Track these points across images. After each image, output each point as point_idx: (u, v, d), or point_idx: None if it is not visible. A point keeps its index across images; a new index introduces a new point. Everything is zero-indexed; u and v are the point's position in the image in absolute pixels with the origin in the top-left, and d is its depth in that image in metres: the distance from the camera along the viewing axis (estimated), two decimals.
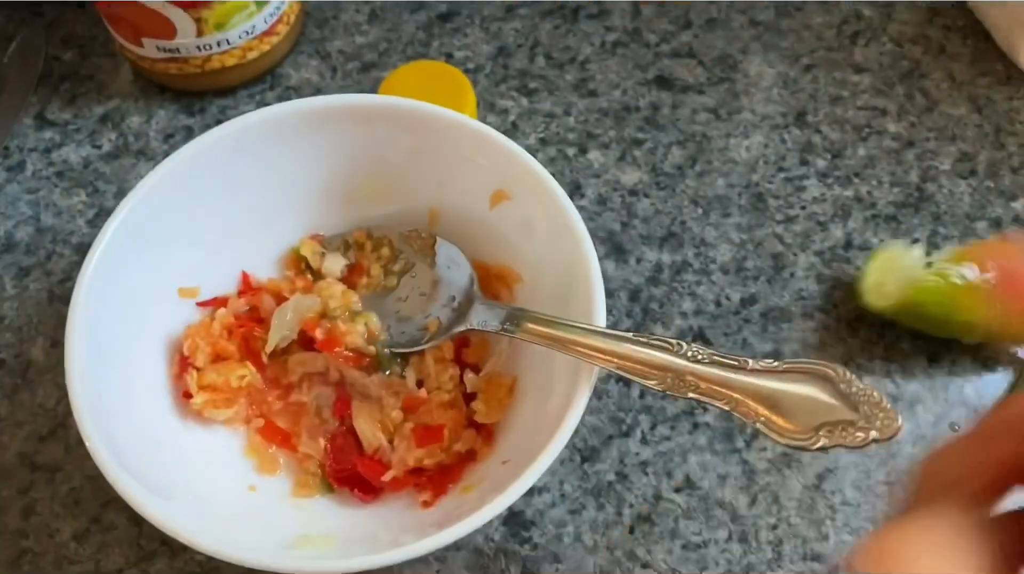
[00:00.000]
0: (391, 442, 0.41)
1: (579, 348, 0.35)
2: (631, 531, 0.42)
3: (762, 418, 0.33)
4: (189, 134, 0.53)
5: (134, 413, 0.38)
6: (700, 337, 0.47)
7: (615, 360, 0.35)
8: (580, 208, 0.42)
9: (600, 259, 0.39)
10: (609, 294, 0.46)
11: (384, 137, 0.42)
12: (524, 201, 0.41)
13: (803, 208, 0.51)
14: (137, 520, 0.41)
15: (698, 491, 0.43)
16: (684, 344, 0.35)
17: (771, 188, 0.51)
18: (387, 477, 0.40)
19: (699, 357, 0.34)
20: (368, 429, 0.41)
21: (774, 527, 0.42)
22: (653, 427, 0.44)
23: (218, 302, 0.42)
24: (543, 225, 0.41)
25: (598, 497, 0.43)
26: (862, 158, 0.52)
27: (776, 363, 0.34)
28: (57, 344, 0.46)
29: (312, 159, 0.43)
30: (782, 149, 0.52)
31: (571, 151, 0.52)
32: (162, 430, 0.39)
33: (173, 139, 0.53)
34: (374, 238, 0.44)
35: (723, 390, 0.33)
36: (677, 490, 0.43)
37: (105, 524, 0.42)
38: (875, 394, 0.32)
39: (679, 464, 0.43)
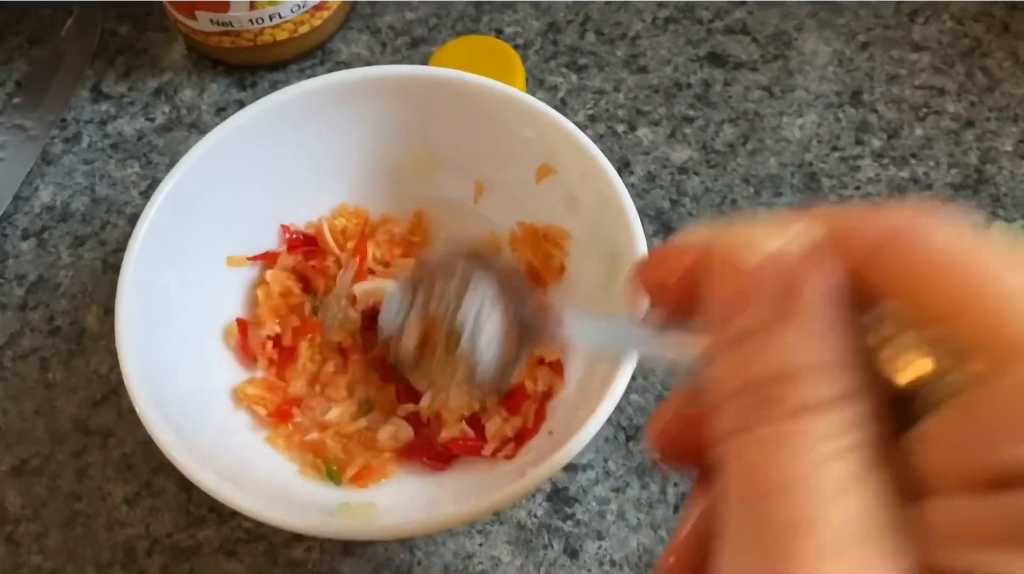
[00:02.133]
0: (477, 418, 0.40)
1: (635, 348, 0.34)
2: (676, 511, 0.42)
3: None
4: (240, 108, 0.53)
5: (183, 382, 0.39)
6: None
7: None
8: (629, 186, 0.41)
9: (648, 237, 0.39)
10: None
11: (431, 109, 0.42)
12: (570, 175, 0.41)
13: (857, 188, 0.49)
14: (186, 486, 0.42)
15: None
16: None
17: (824, 168, 0.50)
18: (487, 451, 0.39)
19: None
20: (454, 412, 0.40)
21: None
22: None
23: (269, 257, 0.43)
24: (589, 200, 0.40)
25: (642, 476, 0.42)
26: (919, 138, 0.51)
27: None
28: (111, 312, 0.46)
29: (359, 130, 0.43)
30: (836, 128, 0.51)
31: (620, 128, 0.51)
32: (211, 401, 0.40)
33: (225, 112, 0.53)
34: (427, 266, 0.38)
35: None
36: None
37: (155, 489, 0.43)
38: None
39: None
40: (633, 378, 0.37)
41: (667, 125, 0.51)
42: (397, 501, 0.38)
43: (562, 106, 0.52)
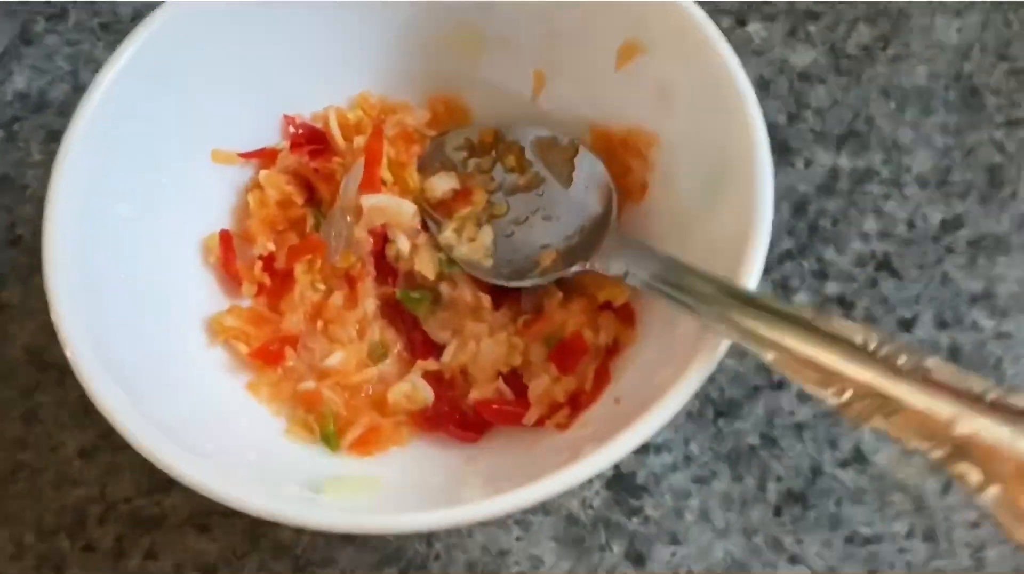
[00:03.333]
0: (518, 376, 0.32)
1: (727, 327, 0.25)
2: (777, 513, 0.33)
3: (995, 492, 0.20)
4: None
5: (142, 308, 0.30)
6: (885, 266, 0.36)
7: (775, 353, 0.24)
8: None
9: None
10: None
11: None
12: (665, 55, 0.31)
13: None
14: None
15: (871, 468, 0.33)
16: (884, 337, 0.22)
17: (989, 82, 0.40)
18: (530, 418, 0.31)
19: (905, 367, 0.22)
20: (487, 367, 0.32)
21: (974, 526, 0.32)
22: None
23: (266, 154, 0.34)
24: (690, 92, 0.31)
25: (735, 465, 0.33)
26: None
27: None
28: None
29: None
30: (1006, 33, 0.41)
31: (726, 22, 0.42)
32: (177, 334, 0.31)
33: None
34: (505, 141, 0.35)
35: (939, 431, 0.21)
36: (843, 465, 0.33)
37: (116, 442, 0.34)
38: None
39: (847, 430, 0.33)
40: None
41: (786, 20, 0.42)
42: (407, 478, 0.29)
43: None
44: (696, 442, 0.33)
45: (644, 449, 0.33)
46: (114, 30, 0.44)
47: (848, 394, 0.22)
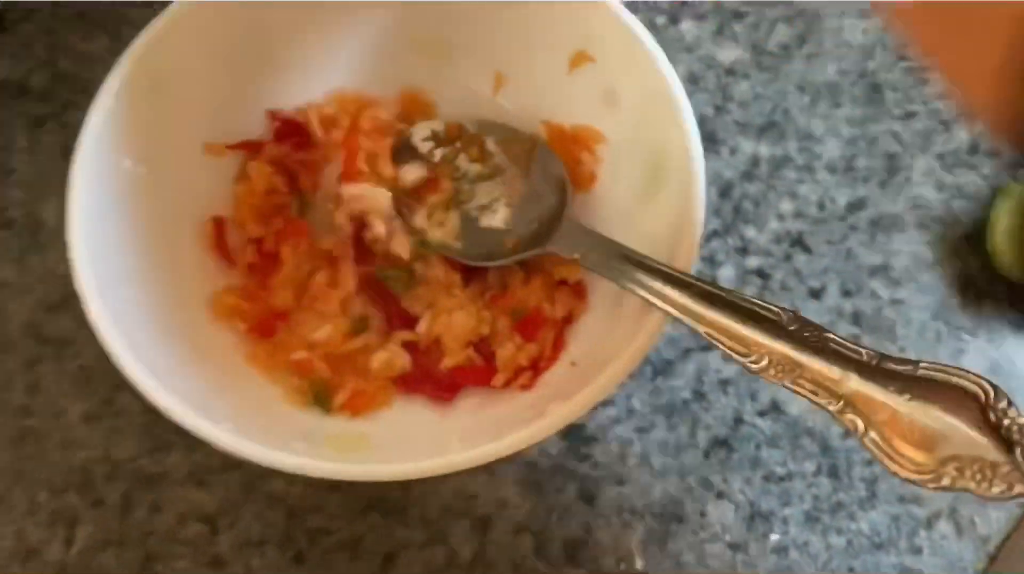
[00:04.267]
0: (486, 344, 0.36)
1: (664, 303, 0.29)
2: (706, 456, 0.37)
3: (874, 436, 0.25)
4: None
5: (148, 289, 0.33)
6: (799, 243, 0.41)
7: (704, 327, 0.28)
8: None
9: None
10: None
11: None
12: (611, 65, 0.35)
13: (924, 104, 0.44)
14: (152, 407, 0.37)
15: (784, 417, 0.38)
16: (792, 315, 0.27)
17: (889, 79, 0.44)
18: (498, 381, 0.35)
19: (809, 338, 0.27)
20: (458, 337, 0.36)
21: (869, 463, 0.37)
22: None
23: (253, 146, 0.37)
24: (632, 95, 0.35)
25: (670, 416, 0.38)
26: None
27: (909, 366, 0.26)
28: None
29: (358, 4, 0.37)
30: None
31: (660, 20, 0.45)
32: (181, 312, 0.34)
33: None
34: (468, 134, 0.38)
35: (834, 389, 0.26)
36: (761, 414, 0.38)
37: (117, 407, 0.38)
38: None
39: (765, 385, 0.38)
40: None
41: (714, 19, 0.45)
42: (393, 434, 0.33)
43: None
44: (637, 398, 0.38)
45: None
46: (88, 19, 0.45)
47: (764, 361, 0.27)
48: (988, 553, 0.36)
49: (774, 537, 0.36)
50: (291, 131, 0.38)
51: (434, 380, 0.35)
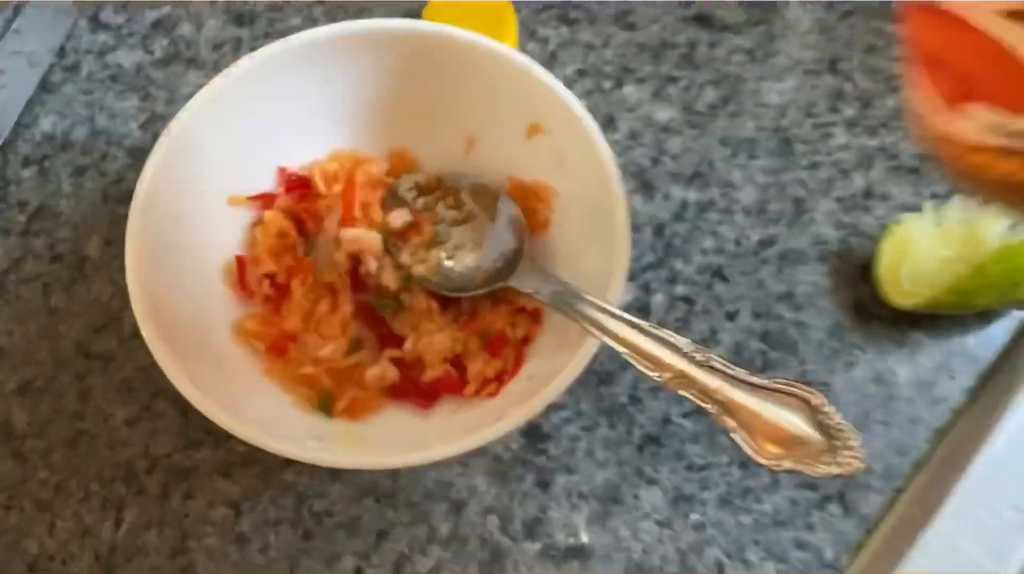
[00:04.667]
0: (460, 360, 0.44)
1: (597, 331, 0.37)
2: (640, 450, 0.45)
3: (741, 432, 0.34)
4: (238, 44, 0.54)
5: (184, 314, 0.41)
6: (718, 274, 0.49)
7: (625, 349, 0.36)
8: (612, 142, 0.44)
9: (629, 193, 0.41)
10: (636, 228, 0.48)
11: (423, 62, 0.44)
12: (559, 135, 0.43)
13: (828, 155, 0.52)
14: (184, 411, 0.45)
15: (704, 418, 0.45)
16: (691, 346, 0.36)
17: (799, 134, 0.52)
18: (469, 390, 0.42)
19: (699, 360, 0.35)
20: (437, 354, 0.43)
21: None
22: None
23: (267, 198, 0.45)
24: (575, 160, 0.42)
25: (611, 417, 0.46)
26: (891, 109, 0.53)
27: (767, 381, 0.35)
28: (111, 242, 0.49)
29: (354, 79, 0.45)
30: (813, 95, 0.53)
31: (607, 84, 0.53)
32: (210, 334, 0.42)
33: (222, 49, 0.54)
34: (445, 186, 0.46)
35: (714, 397, 0.34)
36: (685, 416, 0.46)
37: (155, 412, 0.45)
38: (848, 431, 0.33)
39: None
40: None
41: (652, 83, 0.53)
42: (385, 434, 0.41)
43: (552, 59, 0.54)
44: (584, 402, 0.46)
45: (548, 408, 0.46)
46: (121, 81, 0.53)
47: (668, 375, 0.35)
48: (867, 529, 0.44)
49: (694, 516, 0.44)
50: (298, 185, 0.45)
51: (417, 390, 0.43)
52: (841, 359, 0.47)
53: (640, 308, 0.48)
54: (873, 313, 0.48)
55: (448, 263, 0.44)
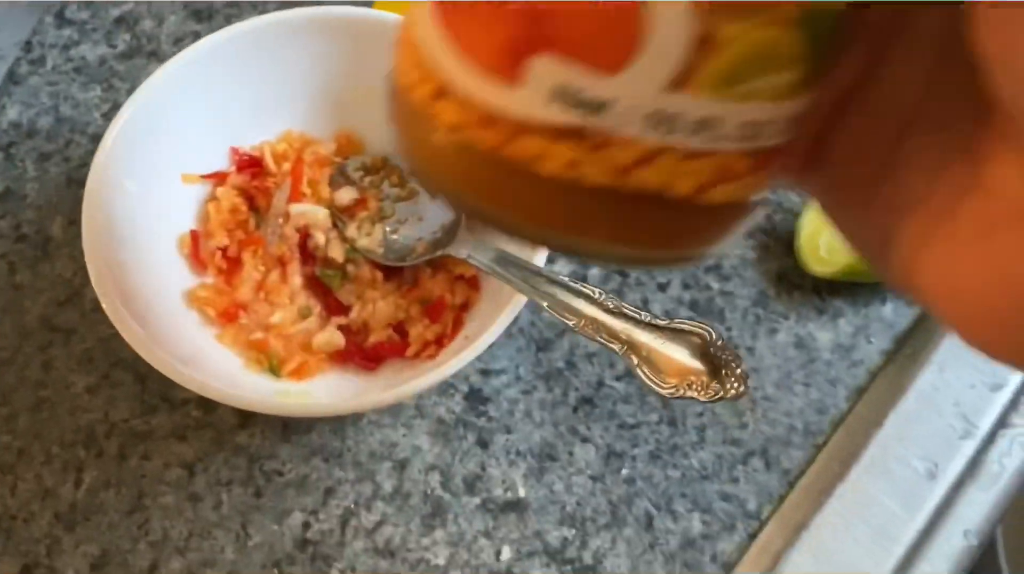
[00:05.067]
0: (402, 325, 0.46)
1: (525, 286, 0.40)
2: (575, 411, 0.48)
3: (642, 366, 0.38)
4: (197, 39, 0.57)
5: (141, 284, 0.43)
6: None
7: (546, 302, 0.40)
8: None
9: None
10: None
11: (373, 48, 0.47)
12: None
13: None
14: (142, 379, 0.47)
15: (635, 381, 0.48)
16: (603, 294, 0.40)
17: None
18: (410, 352, 0.45)
19: (610, 307, 0.39)
20: (381, 320, 0.46)
21: (700, 414, 0.48)
22: None
23: (220, 176, 0.48)
24: None
25: (548, 381, 0.48)
26: None
27: (666, 321, 0.39)
28: (74, 223, 0.51)
29: (305, 63, 0.48)
30: None
31: None
32: (166, 302, 0.45)
33: (182, 43, 0.57)
34: (390, 165, 0.49)
35: (619, 338, 0.38)
36: (617, 379, 0.49)
37: (114, 380, 0.48)
38: (737, 362, 0.37)
39: (620, 357, 0.49)
40: None
41: None
42: (329, 392, 0.44)
43: None
44: (523, 367, 0.49)
45: (488, 372, 0.48)
46: (85, 73, 0.56)
47: (582, 322, 0.38)
48: (789, 482, 0.47)
49: (625, 471, 0.47)
50: (249, 164, 0.48)
51: (362, 353, 0.46)
52: (765, 326, 0.50)
53: (577, 279, 0.50)
54: (796, 283, 0.51)
55: (393, 237, 0.47)
